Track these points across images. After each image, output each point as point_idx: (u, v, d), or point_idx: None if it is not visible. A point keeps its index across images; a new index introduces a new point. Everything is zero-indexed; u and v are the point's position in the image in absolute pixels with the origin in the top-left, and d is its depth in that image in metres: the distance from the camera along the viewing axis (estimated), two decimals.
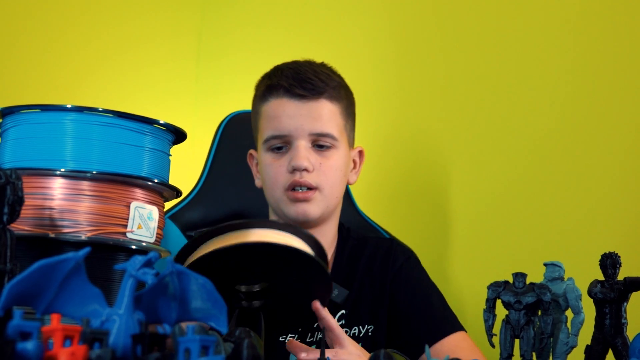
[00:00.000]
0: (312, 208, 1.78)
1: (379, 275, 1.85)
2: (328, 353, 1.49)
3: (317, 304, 1.46)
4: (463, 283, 1.96)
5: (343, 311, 1.79)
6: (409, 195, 2.40)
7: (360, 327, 1.81)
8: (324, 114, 1.79)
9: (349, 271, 1.85)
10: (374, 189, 2.39)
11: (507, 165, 2.28)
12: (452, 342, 1.78)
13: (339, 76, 1.87)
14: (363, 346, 1.69)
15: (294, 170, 1.76)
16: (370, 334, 1.81)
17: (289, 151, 1.78)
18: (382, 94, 1.84)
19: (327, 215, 1.83)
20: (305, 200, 1.77)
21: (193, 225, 2.05)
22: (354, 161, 1.88)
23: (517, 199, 2.26)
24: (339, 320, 1.77)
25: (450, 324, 1.80)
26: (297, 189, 1.77)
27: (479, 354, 1.76)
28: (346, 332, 1.71)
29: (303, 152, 1.76)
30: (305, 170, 1.76)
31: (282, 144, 1.79)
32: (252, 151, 1.89)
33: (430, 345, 1.76)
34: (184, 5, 2.98)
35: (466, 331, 1.83)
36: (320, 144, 1.79)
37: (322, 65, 1.87)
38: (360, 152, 1.90)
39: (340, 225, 1.90)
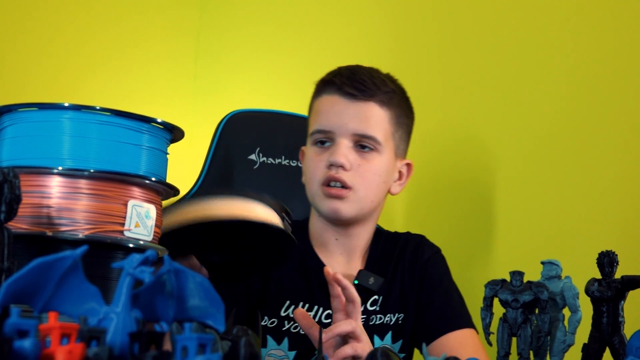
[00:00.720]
0: (345, 207, 1.81)
1: (408, 267, 1.90)
2: (349, 322, 1.56)
3: (338, 276, 1.52)
4: (460, 281, 1.96)
5: (375, 296, 1.86)
6: (406, 194, 2.40)
7: (392, 315, 1.86)
8: (370, 116, 1.82)
9: (383, 263, 1.90)
10: None
11: (503, 164, 2.28)
12: (459, 337, 1.82)
13: (398, 86, 1.90)
14: (392, 334, 1.83)
15: (331, 165, 1.79)
16: (400, 322, 1.87)
17: (331, 147, 1.82)
18: None
19: (361, 218, 1.87)
20: (338, 197, 1.80)
21: None
22: (400, 172, 1.91)
23: (514, 197, 2.26)
24: (371, 306, 1.85)
25: (463, 319, 1.86)
26: (332, 184, 1.80)
27: (482, 353, 1.78)
28: (380, 318, 1.83)
29: (342, 149, 1.80)
30: (342, 167, 1.79)
31: (325, 139, 1.83)
32: (303, 147, 1.93)
33: (438, 336, 1.83)
34: (182, 4, 2.98)
35: (477, 331, 1.84)
36: (362, 144, 1.82)
37: (383, 73, 1.90)
38: (409, 165, 1.92)
39: None
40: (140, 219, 1.17)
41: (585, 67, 2.19)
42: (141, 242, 1.17)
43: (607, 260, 1.34)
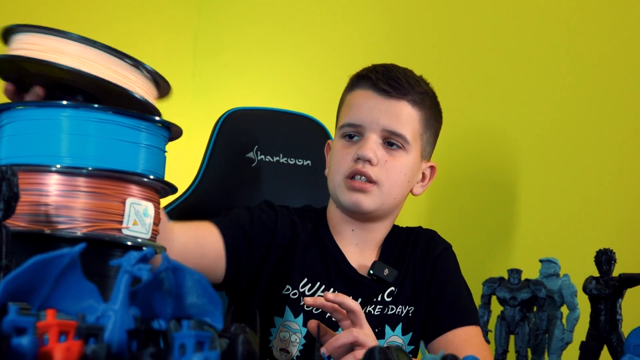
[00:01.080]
0: (367, 200, 1.83)
1: (420, 261, 1.92)
2: (348, 332, 1.57)
3: (327, 297, 1.58)
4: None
5: (392, 288, 1.88)
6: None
7: (403, 307, 1.88)
8: (401, 114, 1.83)
9: (396, 256, 1.92)
10: None
11: (502, 162, 2.28)
12: (464, 334, 1.83)
13: (430, 89, 1.92)
14: (403, 326, 1.86)
15: (358, 159, 1.80)
16: (410, 315, 1.88)
17: (359, 142, 1.83)
18: None
19: (381, 214, 1.88)
20: (362, 190, 1.82)
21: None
22: (424, 174, 1.93)
23: (513, 195, 2.26)
24: (388, 297, 1.87)
25: (470, 316, 1.87)
26: (356, 177, 1.81)
27: (487, 352, 1.79)
28: (392, 308, 1.86)
29: (371, 144, 1.81)
30: (369, 162, 1.81)
31: (354, 133, 1.84)
32: (330, 141, 1.95)
33: (445, 332, 1.85)
34: (181, 4, 2.98)
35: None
36: (391, 141, 1.83)
37: (417, 75, 1.91)
38: (432, 168, 1.94)
39: None
40: (139, 217, 1.17)
41: (583, 67, 2.20)
42: (139, 240, 1.17)
43: (605, 258, 1.34)
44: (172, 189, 1.25)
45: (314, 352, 1.10)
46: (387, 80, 1.83)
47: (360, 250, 1.91)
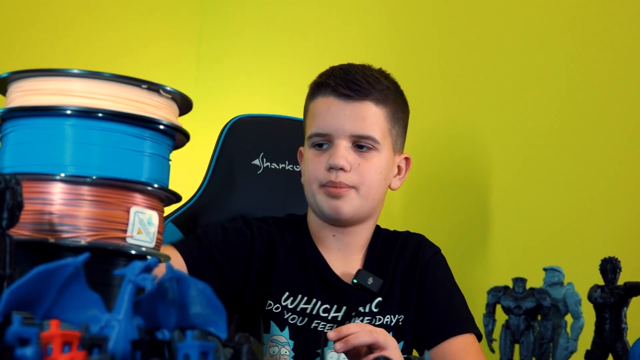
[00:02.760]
0: (345, 205, 1.82)
1: (408, 268, 1.90)
2: (369, 333, 1.54)
3: (335, 332, 1.55)
4: (463, 288, 1.96)
5: (379, 298, 1.86)
6: (406, 196, 2.40)
7: (392, 316, 1.87)
8: (367, 115, 1.82)
9: (382, 262, 1.90)
10: None
11: (505, 169, 2.28)
12: (460, 344, 1.82)
13: (392, 81, 1.90)
14: (394, 335, 1.81)
15: (331, 168, 1.80)
16: (400, 323, 1.87)
17: (329, 150, 1.82)
18: None
19: (362, 216, 1.87)
20: (339, 196, 1.80)
21: (196, 230, 2.05)
22: (399, 167, 1.92)
23: (516, 203, 2.26)
24: (375, 308, 1.85)
25: (464, 323, 1.86)
26: (331, 185, 1.81)
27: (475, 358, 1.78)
28: (379, 319, 1.84)
29: (341, 151, 1.80)
30: (342, 169, 1.80)
31: (323, 142, 1.83)
32: (301, 148, 1.93)
33: (440, 341, 1.83)
34: (184, 9, 2.99)
35: (480, 333, 1.84)
36: (360, 144, 1.82)
37: (376, 69, 1.90)
38: (407, 159, 1.93)
39: None
40: (143, 226, 1.17)
41: (590, 66, 2.19)
42: (143, 249, 1.17)
43: (609, 267, 1.33)
44: (177, 197, 1.25)
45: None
46: (346, 83, 1.81)
47: (343, 256, 1.89)
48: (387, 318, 1.85)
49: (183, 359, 0.85)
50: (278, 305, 1.83)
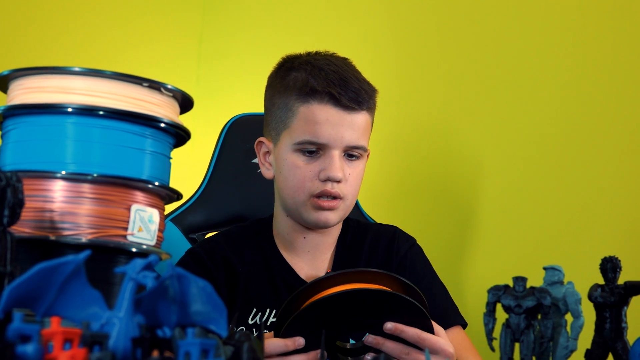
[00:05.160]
0: (334, 216, 1.78)
1: (383, 262, 1.85)
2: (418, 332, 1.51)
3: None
4: (463, 287, 1.96)
5: None
6: (407, 196, 2.40)
7: None
8: (361, 126, 1.78)
9: (351, 258, 1.85)
10: (374, 188, 2.39)
11: (506, 169, 2.28)
12: (451, 340, 1.78)
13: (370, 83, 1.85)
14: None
15: (327, 180, 1.74)
16: None
17: (321, 158, 1.76)
18: (381, 93, 1.83)
19: (341, 220, 1.83)
20: (331, 209, 1.76)
21: (196, 228, 2.06)
22: None
23: (517, 202, 2.26)
24: None
25: (450, 316, 1.82)
26: (324, 197, 1.76)
27: (473, 352, 1.77)
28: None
29: (339, 162, 1.75)
30: (338, 181, 1.75)
31: (315, 149, 1.76)
32: (262, 139, 1.86)
33: None
34: (185, 8, 2.98)
35: (466, 322, 1.82)
36: (350, 154, 1.78)
37: (353, 66, 1.84)
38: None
39: None
40: (144, 224, 1.17)
41: (587, 66, 2.19)
42: (144, 247, 1.17)
43: (610, 266, 1.34)
44: (178, 195, 1.25)
45: None
46: (347, 93, 1.75)
47: (312, 258, 1.85)
48: None
49: (184, 357, 0.85)
50: (242, 327, 1.77)
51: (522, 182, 2.26)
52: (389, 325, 1.46)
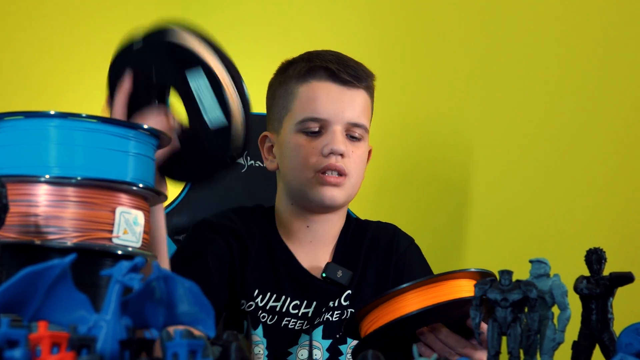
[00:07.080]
0: (340, 194, 1.78)
1: (382, 259, 1.87)
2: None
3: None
4: None
5: (349, 291, 1.82)
6: (393, 191, 2.41)
7: None
8: (361, 104, 1.80)
9: (352, 253, 1.86)
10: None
11: (491, 163, 2.29)
12: None
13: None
14: None
15: (330, 154, 1.76)
16: None
17: (324, 135, 1.78)
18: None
19: (345, 204, 1.84)
20: (336, 185, 1.77)
21: (181, 230, 2.05)
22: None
23: (501, 196, 2.27)
24: (345, 301, 1.81)
25: None
26: (329, 172, 1.76)
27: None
28: (351, 312, 1.79)
29: (341, 137, 1.77)
30: (341, 155, 1.76)
31: (317, 128, 1.78)
32: (266, 133, 1.87)
33: None
34: (173, 8, 2.98)
35: None
36: (351, 134, 1.79)
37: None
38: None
39: None
40: (129, 226, 1.17)
41: (575, 58, 2.20)
42: (130, 249, 1.17)
43: (595, 258, 1.34)
44: (162, 197, 1.25)
45: None
46: (345, 69, 1.79)
47: (314, 248, 1.85)
48: None
49: (172, 358, 0.85)
50: (252, 302, 1.79)
51: (508, 176, 2.27)
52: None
